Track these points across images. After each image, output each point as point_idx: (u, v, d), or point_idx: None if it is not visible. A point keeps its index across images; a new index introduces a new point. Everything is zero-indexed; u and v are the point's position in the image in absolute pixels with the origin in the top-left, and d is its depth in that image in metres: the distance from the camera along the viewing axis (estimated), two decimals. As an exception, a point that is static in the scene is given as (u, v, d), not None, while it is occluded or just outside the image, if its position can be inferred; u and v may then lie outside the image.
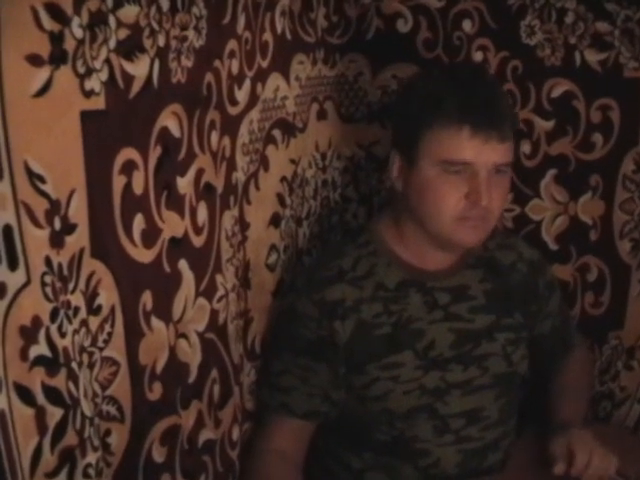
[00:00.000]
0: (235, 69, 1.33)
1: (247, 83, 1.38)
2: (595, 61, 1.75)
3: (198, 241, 1.22)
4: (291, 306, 1.52)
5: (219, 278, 1.30)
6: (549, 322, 1.68)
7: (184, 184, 1.17)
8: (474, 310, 1.54)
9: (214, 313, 1.28)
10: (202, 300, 1.24)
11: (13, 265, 0.84)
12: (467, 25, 1.77)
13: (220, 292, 1.30)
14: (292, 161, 1.60)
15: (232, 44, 1.31)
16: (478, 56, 1.78)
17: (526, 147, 1.80)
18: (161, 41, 1.08)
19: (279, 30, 1.50)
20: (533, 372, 1.77)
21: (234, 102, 1.35)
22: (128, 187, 1.04)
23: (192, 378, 1.22)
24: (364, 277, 1.51)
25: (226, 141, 1.32)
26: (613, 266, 1.85)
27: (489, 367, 1.53)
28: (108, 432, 1.03)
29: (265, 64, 1.45)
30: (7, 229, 0.83)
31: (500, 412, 1.55)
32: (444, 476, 1.50)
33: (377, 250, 1.54)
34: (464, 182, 1.40)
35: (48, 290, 0.89)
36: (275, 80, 1.51)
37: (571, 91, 1.77)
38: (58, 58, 0.88)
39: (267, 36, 1.45)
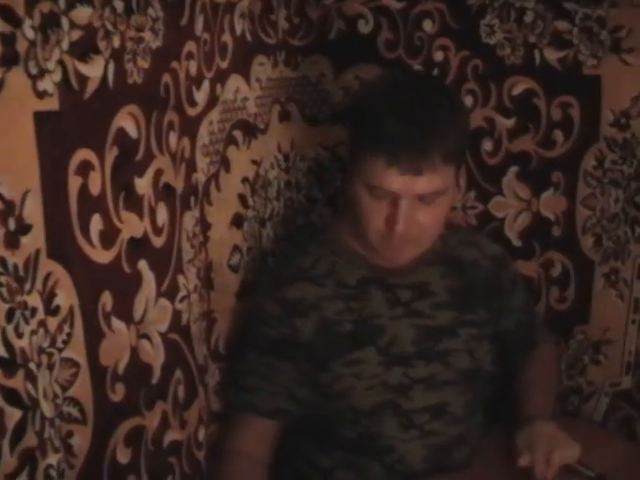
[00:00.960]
0: (193, 70, 1.33)
1: (206, 84, 1.39)
2: (555, 59, 1.76)
3: (158, 241, 1.22)
4: (254, 305, 1.53)
5: (181, 279, 1.30)
6: (514, 318, 1.69)
7: (143, 185, 1.17)
8: (436, 306, 1.55)
9: (176, 314, 1.28)
10: (164, 301, 1.24)
11: (-33, 265, 0.83)
12: (428, 25, 1.78)
13: (182, 293, 1.30)
14: (254, 162, 1.61)
15: (190, 45, 1.31)
16: (439, 56, 1.79)
17: (488, 145, 1.81)
18: (116, 42, 1.08)
19: (238, 32, 1.50)
20: (500, 369, 1.79)
21: (193, 103, 1.35)
22: (84, 188, 1.03)
23: (155, 379, 1.22)
24: (325, 275, 1.52)
25: (185, 142, 1.32)
26: (577, 261, 1.86)
27: (452, 363, 1.54)
28: (70, 434, 1.03)
29: (224, 65, 1.46)
30: (-40, 229, 0.82)
31: (465, 407, 1.56)
32: (410, 472, 1.50)
33: (338, 248, 1.55)
34: (386, 205, 1.41)
35: (3, 290, 0.89)
36: (235, 81, 1.51)
37: (532, 89, 1.78)
38: (10, 59, 0.89)
39: (226, 37, 1.45)
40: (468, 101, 1.80)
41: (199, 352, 1.39)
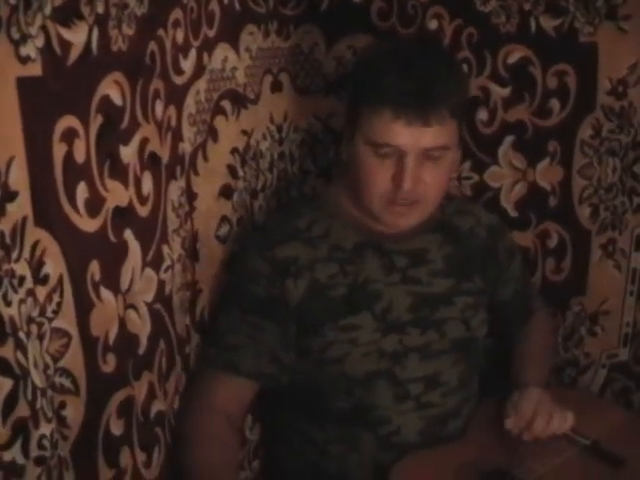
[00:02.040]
0: (180, 38, 1.31)
1: (193, 53, 1.37)
2: (550, 27, 1.74)
3: (143, 211, 1.20)
4: (241, 262, 1.50)
5: (165, 249, 1.28)
6: (510, 287, 1.68)
7: (128, 153, 1.15)
8: (433, 274, 1.53)
9: (161, 284, 1.27)
10: (149, 271, 1.23)
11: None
12: (421, -7, 1.76)
13: (166, 263, 1.28)
14: (244, 132, 1.58)
15: (177, 13, 1.29)
16: (433, 24, 1.76)
17: (483, 114, 1.79)
18: (100, 8, 1.06)
19: (226, 0, 1.48)
20: (495, 340, 1.78)
21: (179, 71, 1.33)
22: (69, 155, 1.02)
23: (142, 349, 1.21)
24: (320, 237, 1.50)
25: (172, 111, 1.30)
26: (573, 232, 1.85)
27: (447, 331, 1.52)
28: (63, 405, 1.02)
29: (212, 34, 1.43)
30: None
31: (459, 378, 1.55)
32: (406, 444, 1.49)
33: (334, 212, 1.53)
34: (392, 164, 1.40)
35: (-10, 258, 0.87)
36: (223, 50, 1.49)
37: (527, 57, 1.76)
38: (-9, 25, 0.87)
39: (213, 5, 1.43)
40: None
41: (179, 322, 1.37)
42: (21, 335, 0.92)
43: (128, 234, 1.16)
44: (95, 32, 1.05)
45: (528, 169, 1.82)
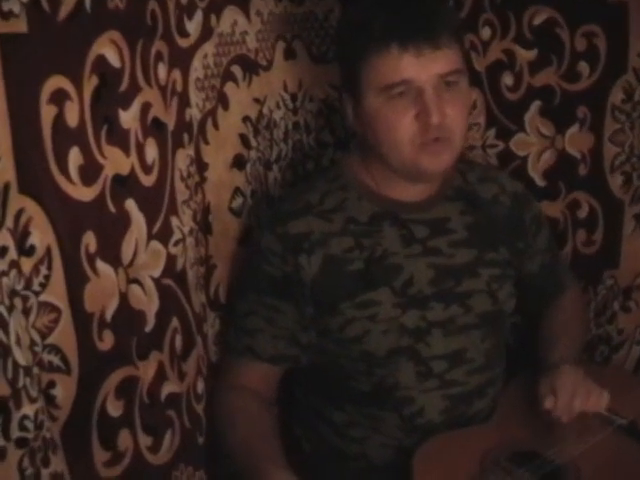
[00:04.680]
0: (184, -2, 1.25)
1: (199, 14, 1.31)
2: (578, -15, 1.67)
3: (147, 180, 1.14)
4: (255, 242, 1.45)
5: (174, 221, 1.22)
6: (538, 260, 1.60)
7: (128, 118, 1.09)
8: (454, 244, 1.45)
9: (171, 258, 1.20)
10: (156, 244, 1.16)
11: None
12: (442, -47, 1.69)
13: (177, 236, 1.22)
14: (256, 100, 1.52)
15: None
16: (454, -14, 1.69)
17: (508, 79, 1.72)
18: (94, -37, 1.00)
19: (234, -39, 1.42)
20: (524, 316, 1.71)
21: (184, 33, 1.27)
22: (60, 118, 0.96)
23: (149, 327, 1.15)
24: (333, 211, 1.43)
25: (176, 75, 1.24)
26: (605, 202, 1.79)
27: (473, 305, 1.45)
28: (52, 384, 0.97)
29: (219, -5, 1.38)
30: None
31: (487, 355, 1.47)
32: (430, 425, 1.43)
33: (347, 184, 1.46)
34: (411, 104, 1.33)
35: (-33, 226, 0.82)
36: (232, 14, 1.43)
37: (553, 18, 1.69)
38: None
39: None
40: (486, 33, 1.71)
41: (196, 299, 1.31)
42: (1, 309, 0.86)
43: (130, 204, 1.10)
44: (88, -12, 0.99)
45: (556, 136, 1.75)
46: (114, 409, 1.07)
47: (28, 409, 0.89)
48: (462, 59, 1.38)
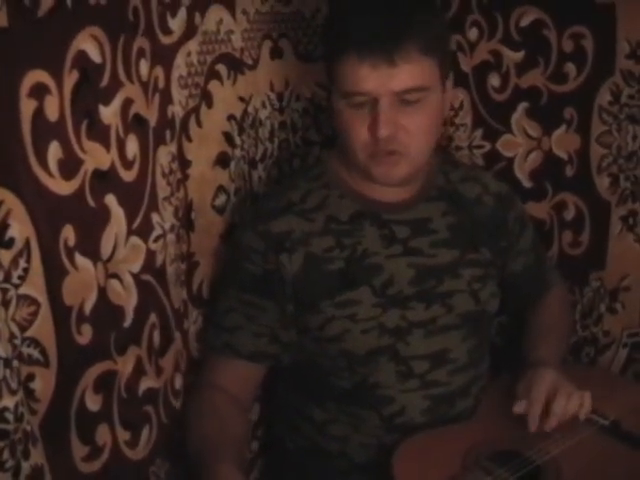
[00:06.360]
0: (167, -5, 1.25)
1: (182, 12, 1.31)
2: (565, -14, 1.66)
3: (128, 176, 1.14)
4: (236, 240, 1.45)
5: (155, 217, 1.22)
6: (522, 260, 1.60)
7: (109, 114, 1.09)
8: (436, 244, 1.45)
9: (150, 254, 1.20)
10: (136, 239, 1.16)
11: None
12: (430, -46, 1.69)
13: (157, 232, 1.22)
14: (241, 99, 1.52)
15: None
16: (440, -14, 1.69)
17: (495, 80, 1.73)
18: (74, -42, 1.00)
19: (219, -41, 1.42)
20: (510, 318, 1.71)
21: (167, 31, 1.27)
22: (40, 112, 0.96)
23: (128, 322, 1.15)
24: (314, 210, 1.43)
25: (159, 71, 1.24)
26: (591, 203, 1.78)
27: (454, 305, 1.45)
28: (31, 377, 0.97)
29: (204, -7, 1.38)
30: None
31: (469, 355, 1.47)
32: (411, 425, 1.42)
33: (329, 182, 1.46)
34: (368, 114, 1.33)
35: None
36: (217, 12, 1.43)
37: (541, 19, 1.69)
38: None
39: None
40: (473, 34, 1.71)
41: (175, 296, 1.31)
42: None
43: (110, 199, 1.10)
44: (69, -17, 0.99)
45: (543, 137, 1.75)
46: (93, 403, 1.07)
47: (8, 401, 0.89)
48: (434, 72, 1.34)
